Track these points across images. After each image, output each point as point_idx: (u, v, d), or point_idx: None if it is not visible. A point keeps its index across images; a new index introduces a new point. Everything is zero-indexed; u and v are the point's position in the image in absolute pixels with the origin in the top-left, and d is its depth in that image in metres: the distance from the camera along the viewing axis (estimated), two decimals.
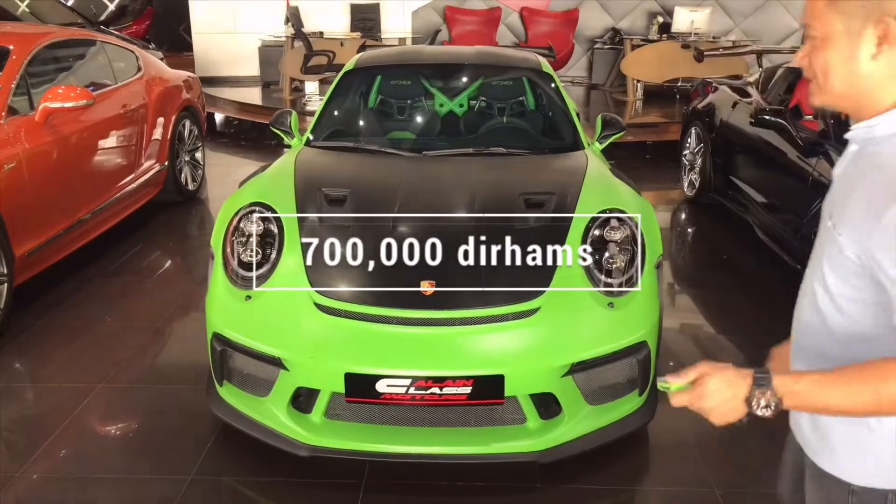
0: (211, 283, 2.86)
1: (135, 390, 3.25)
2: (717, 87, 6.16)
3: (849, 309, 1.25)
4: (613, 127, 3.88)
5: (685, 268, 5.09)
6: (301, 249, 2.77)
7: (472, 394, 2.44)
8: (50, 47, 4.62)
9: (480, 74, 4.41)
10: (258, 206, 2.96)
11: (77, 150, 4.40)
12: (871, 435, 1.26)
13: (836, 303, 1.26)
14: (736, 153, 5.51)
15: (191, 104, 6.05)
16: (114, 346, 3.62)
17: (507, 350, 2.51)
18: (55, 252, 4.17)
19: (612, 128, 3.88)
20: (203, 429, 2.93)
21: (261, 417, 2.66)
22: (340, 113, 4.11)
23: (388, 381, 2.43)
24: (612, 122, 3.92)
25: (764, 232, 4.93)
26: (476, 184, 3.18)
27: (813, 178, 4.32)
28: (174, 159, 5.71)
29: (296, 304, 2.62)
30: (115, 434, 2.98)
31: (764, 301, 4.33)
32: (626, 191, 3.18)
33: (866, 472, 1.28)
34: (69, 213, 4.28)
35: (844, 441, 1.29)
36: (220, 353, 2.71)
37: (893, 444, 1.24)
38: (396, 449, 2.53)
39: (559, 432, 2.56)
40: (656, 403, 2.85)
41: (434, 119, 4.32)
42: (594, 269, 2.74)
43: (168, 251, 5.09)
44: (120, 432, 3.00)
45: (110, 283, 4.40)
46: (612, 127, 3.89)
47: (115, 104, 4.95)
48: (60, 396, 3.17)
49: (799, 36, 11.04)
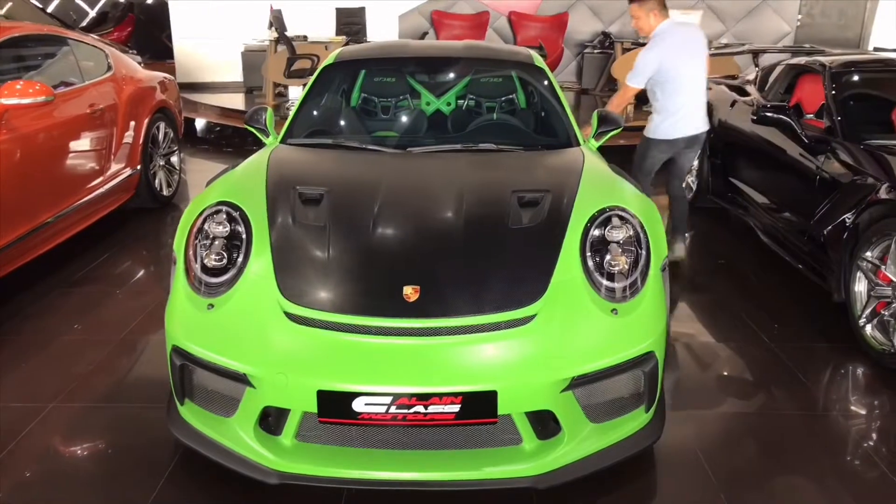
0: (172, 290, 2.59)
1: (90, 410, 2.95)
2: (712, 87, 5.95)
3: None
4: (610, 123, 3.64)
5: (684, 273, 4.84)
6: (271, 253, 2.50)
7: (461, 412, 2.16)
8: (12, 43, 4.34)
9: (470, 69, 4.17)
10: (225, 206, 2.69)
11: (37, 151, 4.10)
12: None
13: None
14: (735, 154, 5.29)
15: (166, 106, 5.77)
16: (71, 362, 3.32)
17: (499, 363, 2.23)
18: (11, 259, 3.87)
19: (608, 124, 3.64)
20: (164, 453, 2.64)
21: (225, 440, 2.37)
22: (319, 110, 3.85)
23: (365, 398, 2.15)
24: (608, 119, 3.67)
25: (766, 234, 4.71)
26: (464, 181, 2.92)
27: (819, 177, 4.10)
28: (147, 163, 5.43)
29: (263, 313, 2.35)
30: (64, 460, 2.67)
31: (766, 306, 4.09)
32: (627, 188, 2.94)
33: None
34: (27, 217, 3.98)
35: None
36: (180, 369, 2.43)
37: None
38: (376, 475, 2.24)
39: (558, 454, 2.29)
40: (664, 420, 2.60)
41: (420, 118, 4.06)
42: (595, 272, 2.48)
43: (138, 260, 4.79)
44: (70, 458, 2.69)
45: (73, 294, 4.10)
46: (609, 123, 3.64)
47: (81, 103, 4.67)
48: (6, 418, 2.87)
49: (791, 39, 10.91)
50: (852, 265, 3.62)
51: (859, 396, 3.27)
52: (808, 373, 3.37)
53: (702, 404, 3.13)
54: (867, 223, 3.56)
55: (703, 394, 3.23)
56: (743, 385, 3.35)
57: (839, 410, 3.12)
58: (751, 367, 3.46)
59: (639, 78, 4.29)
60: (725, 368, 3.47)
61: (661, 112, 4.36)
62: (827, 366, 3.50)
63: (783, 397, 3.19)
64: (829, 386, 3.35)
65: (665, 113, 4.34)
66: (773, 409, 3.11)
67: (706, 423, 2.98)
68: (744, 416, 3.05)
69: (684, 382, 3.33)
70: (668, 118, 4.34)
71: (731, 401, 3.17)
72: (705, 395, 3.21)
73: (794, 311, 4.05)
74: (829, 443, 2.87)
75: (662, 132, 4.38)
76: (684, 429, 2.89)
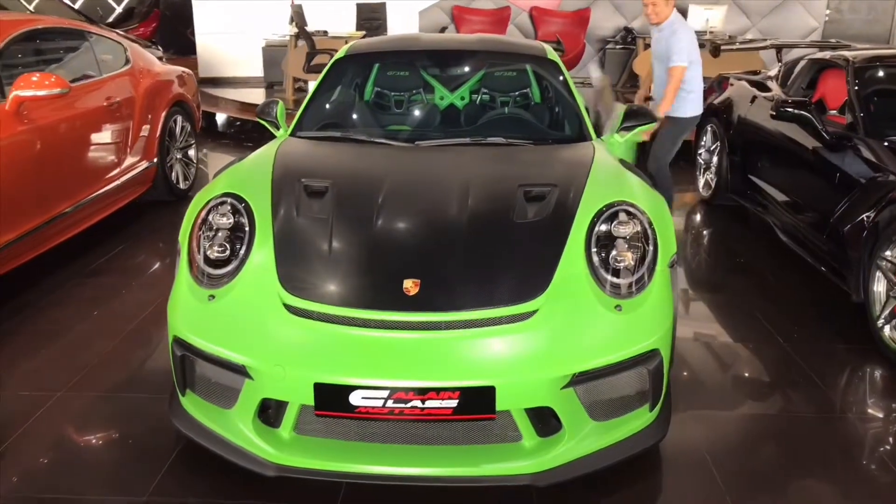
0: (175, 281, 2.59)
1: (96, 400, 2.97)
2: (733, 83, 5.84)
3: None
4: (642, 118, 3.53)
5: (701, 272, 4.77)
6: (273, 245, 2.49)
7: (459, 408, 2.14)
8: (30, 36, 4.39)
9: (483, 63, 4.13)
10: (230, 198, 2.68)
11: (53, 143, 4.14)
12: None
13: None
14: (755, 151, 5.19)
15: (183, 99, 5.80)
16: (80, 352, 3.35)
17: (499, 358, 2.20)
18: (26, 250, 3.91)
19: (639, 118, 3.52)
20: (165, 443, 2.65)
21: (224, 432, 2.36)
22: (330, 103, 3.83)
23: (362, 392, 2.13)
24: (639, 113, 3.56)
25: (786, 233, 4.61)
26: (471, 174, 2.88)
27: (840, 175, 4.00)
28: (164, 156, 5.46)
29: (263, 304, 2.33)
30: (68, 448, 2.69)
31: (786, 307, 4.00)
32: (635, 182, 2.88)
33: None
34: (43, 208, 4.03)
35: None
36: (181, 359, 2.43)
37: None
38: (374, 470, 2.22)
39: (558, 452, 2.26)
40: (669, 418, 2.55)
41: (433, 112, 4.03)
42: (600, 267, 2.43)
43: (153, 252, 4.82)
44: (74, 446, 2.70)
45: (87, 285, 4.14)
46: (640, 118, 3.53)
47: (99, 96, 4.71)
48: (14, 406, 2.90)
49: (819, 35, 10.69)
50: (872, 265, 3.52)
51: (876, 399, 3.18)
52: (824, 374, 3.29)
53: (711, 404, 3.07)
54: (888, 221, 3.46)
55: (712, 394, 3.16)
56: (755, 386, 3.27)
57: (855, 413, 3.04)
58: (765, 368, 3.39)
59: (684, 55, 4.61)
60: (738, 368, 3.40)
61: (692, 90, 4.73)
62: (844, 368, 3.41)
63: (797, 399, 3.12)
64: (846, 388, 3.27)
65: (696, 90, 4.74)
66: (786, 411, 3.04)
67: (715, 423, 2.92)
68: (755, 417, 2.98)
69: (694, 381, 3.26)
70: (697, 94, 4.76)
71: (742, 401, 3.10)
72: (715, 395, 3.15)
73: (812, 312, 3.96)
74: (844, 447, 2.79)
75: (694, 108, 4.79)
76: (691, 429, 2.83)
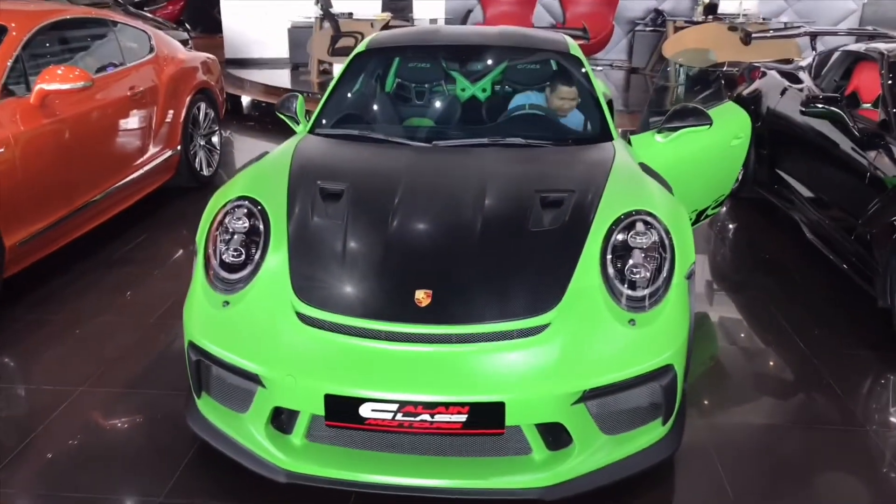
0: (191, 284, 2.62)
1: (117, 395, 3.02)
2: (764, 73, 5.70)
3: None
4: (691, 118, 3.32)
5: (723, 268, 4.70)
6: (287, 251, 2.50)
7: (468, 422, 2.14)
8: (55, 27, 4.42)
9: (503, 58, 4.07)
10: (246, 201, 2.69)
11: (78, 135, 4.19)
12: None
13: None
14: (783, 144, 5.07)
15: (206, 86, 5.82)
16: (103, 345, 3.41)
17: (509, 373, 2.19)
18: (51, 241, 3.98)
19: (686, 119, 3.33)
20: (182, 442, 2.69)
21: (238, 436, 2.39)
22: (349, 98, 3.81)
23: (372, 405, 2.14)
24: (690, 113, 3.33)
25: (812, 231, 4.51)
26: (488, 179, 2.85)
27: (871, 174, 3.90)
28: (188, 143, 5.50)
29: (276, 312, 2.35)
30: (88, 445, 2.74)
31: (809, 308, 3.93)
32: (655, 189, 2.83)
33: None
34: (67, 200, 4.09)
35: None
36: (196, 364, 2.46)
37: None
38: (383, 480, 2.24)
39: (569, 465, 2.25)
40: (683, 431, 2.53)
41: (454, 104, 3.99)
42: (615, 279, 2.40)
43: (177, 240, 4.87)
44: (94, 443, 2.75)
45: (110, 274, 4.20)
46: (689, 118, 3.33)
47: (122, 86, 4.74)
48: (38, 400, 2.97)
49: (856, 18, 10.37)
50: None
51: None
52: (845, 382, 3.23)
53: (725, 411, 3.03)
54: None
55: (727, 400, 3.13)
56: (771, 391, 3.23)
57: (878, 423, 2.98)
58: (782, 374, 3.34)
59: None
60: (755, 374, 3.35)
61: None
62: (866, 376, 3.34)
63: (815, 408, 3.07)
64: (868, 397, 3.21)
65: None
66: (802, 420, 2.99)
67: (727, 432, 2.87)
68: (769, 427, 2.94)
69: (709, 384, 3.22)
70: None
71: (756, 409, 3.06)
72: (729, 402, 3.11)
73: (835, 315, 3.88)
74: (863, 460, 2.74)
75: None
76: (703, 437, 2.80)
